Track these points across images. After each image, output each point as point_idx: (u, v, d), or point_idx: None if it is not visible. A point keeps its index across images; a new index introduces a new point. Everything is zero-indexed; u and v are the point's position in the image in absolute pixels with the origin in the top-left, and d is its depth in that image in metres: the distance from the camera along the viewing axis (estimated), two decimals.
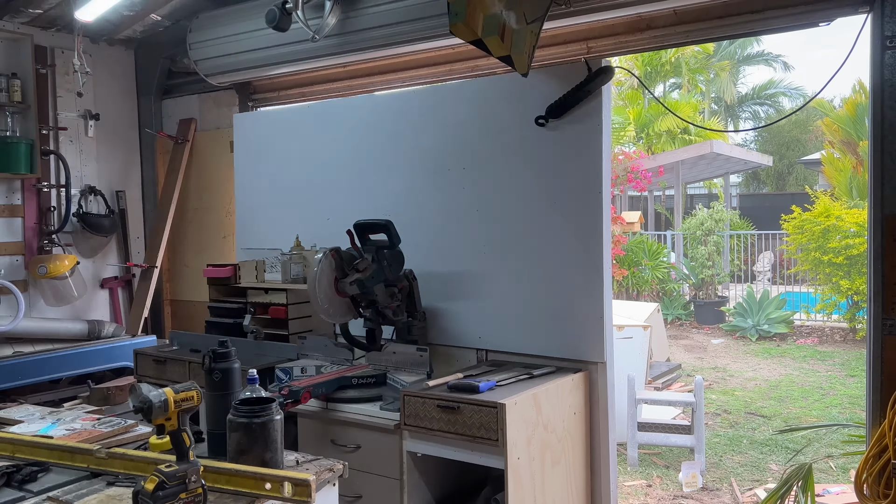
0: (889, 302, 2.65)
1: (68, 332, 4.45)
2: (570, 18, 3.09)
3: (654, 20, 3.11)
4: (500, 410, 2.48)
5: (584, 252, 2.98)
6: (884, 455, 2.55)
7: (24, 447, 2.08)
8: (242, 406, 1.95)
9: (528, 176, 3.11)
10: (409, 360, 3.05)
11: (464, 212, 3.31)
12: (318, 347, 3.27)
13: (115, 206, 4.80)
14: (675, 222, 13.44)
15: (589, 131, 2.95)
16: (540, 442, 2.69)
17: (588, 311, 2.97)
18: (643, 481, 4.61)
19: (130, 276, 4.88)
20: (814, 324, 9.96)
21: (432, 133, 3.40)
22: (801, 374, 7.71)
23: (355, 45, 3.50)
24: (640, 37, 3.17)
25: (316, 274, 2.96)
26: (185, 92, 4.80)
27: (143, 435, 2.25)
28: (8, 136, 4.17)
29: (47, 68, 4.39)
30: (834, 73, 2.75)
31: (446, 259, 3.35)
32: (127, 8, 4.30)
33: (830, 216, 9.13)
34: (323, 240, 3.56)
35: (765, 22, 2.90)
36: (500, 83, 3.22)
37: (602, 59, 3.09)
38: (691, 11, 3.01)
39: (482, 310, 3.26)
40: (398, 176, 3.52)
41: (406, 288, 3.18)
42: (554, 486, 2.78)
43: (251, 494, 1.80)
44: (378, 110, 3.60)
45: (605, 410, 3.01)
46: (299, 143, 3.90)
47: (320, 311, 3.02)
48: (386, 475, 2.73)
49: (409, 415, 2.67)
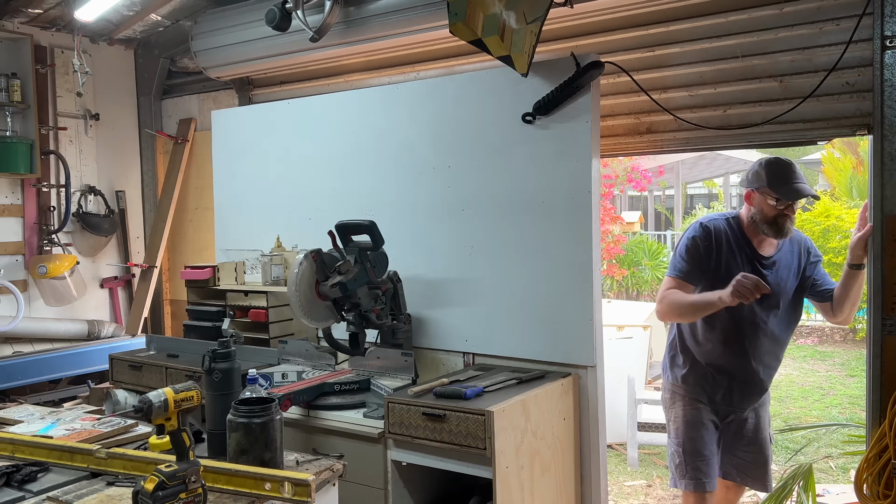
0: (889, 302, 2.65)
1: (68, 332, 4.45)
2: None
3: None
4: (487, 418, 2.40)
5: (574, 253, 2.92)
6: (884, 455, 2.55)
7: (23, 447, 2.08)
8: (242, 406, 1.96)
9: (516, 175, 3.06)
10: (394, 365, 2.96)
11: (449, 211, 3.24)
12: (299, 352, 3.16)
13: (115, 205, 4.80)
14: (675, 222, 13.45)
15: (578, 129, 2.89)
16: (529, 449, 2.63)
17: (577, 314, 2.92)
18: (643, 481, 4.61)
19: (130, 276, 4.89)
20: (814, 324, 9.96)
21: (417, 130, 3.34)
22: (800, 374, 7.71)
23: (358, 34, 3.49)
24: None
25: (296, 277, 2.87)
26: (184, 92, 4.81)
27: (143, 435, 2.26)
28: (8, 136, 4.16)
29: (47, 68, 4.39)
30: (827, 74, 2.74)
31: (432, 260, 3.30)
32: (127, 8, 4.30)
33: (830, 216, 9.13)
34: (305, 240, 3.50)
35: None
36: (487, 79, 3.15)
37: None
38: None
39: (469, 312, 3.20)
40: (382, 175, 3.45)
41: (390, 290, 3.10)
42: (544, 494, 2.73)
43: (251, 494, 1.80)
44: (361, 106, 3.53)
45: (596, 415, 2.95)
46: (280, 141, 3.84)
47: (301, 315, 2.94)
48: (370, 485, 2.65)
49: (393, 423, 2.59)
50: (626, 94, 3.16)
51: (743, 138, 3.00)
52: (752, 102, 2.94)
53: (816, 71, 2.79)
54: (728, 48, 2.95)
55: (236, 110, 4.18)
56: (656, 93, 3.09)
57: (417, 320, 3.31)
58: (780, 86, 2.89)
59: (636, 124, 3.21)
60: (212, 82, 4.54)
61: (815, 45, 2.79)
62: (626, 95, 3.16)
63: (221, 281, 3.71)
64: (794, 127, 2.86)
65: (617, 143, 3.26)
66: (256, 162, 3.94)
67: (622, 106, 3.21)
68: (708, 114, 3.03)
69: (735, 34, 2.93)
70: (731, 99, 2.99)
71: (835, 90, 2.77)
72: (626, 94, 3.16)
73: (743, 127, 2.96)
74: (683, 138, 3.10)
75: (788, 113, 2.84)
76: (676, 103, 3.08)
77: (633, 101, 3.17)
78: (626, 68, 3.06)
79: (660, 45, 3.08)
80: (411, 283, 3.25)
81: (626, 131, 3.23)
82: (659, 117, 3.12)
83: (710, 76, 3.01)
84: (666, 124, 3.12)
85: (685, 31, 3.03)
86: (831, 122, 2.80)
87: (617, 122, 3.23)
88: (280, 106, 3.91)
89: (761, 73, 2.91)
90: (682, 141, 3.12)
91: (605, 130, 3.19)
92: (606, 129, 3.20)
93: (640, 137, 3.20)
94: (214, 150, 4.17)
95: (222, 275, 3.72)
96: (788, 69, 2.86)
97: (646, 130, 3.19)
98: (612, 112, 3.22)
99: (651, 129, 3.18)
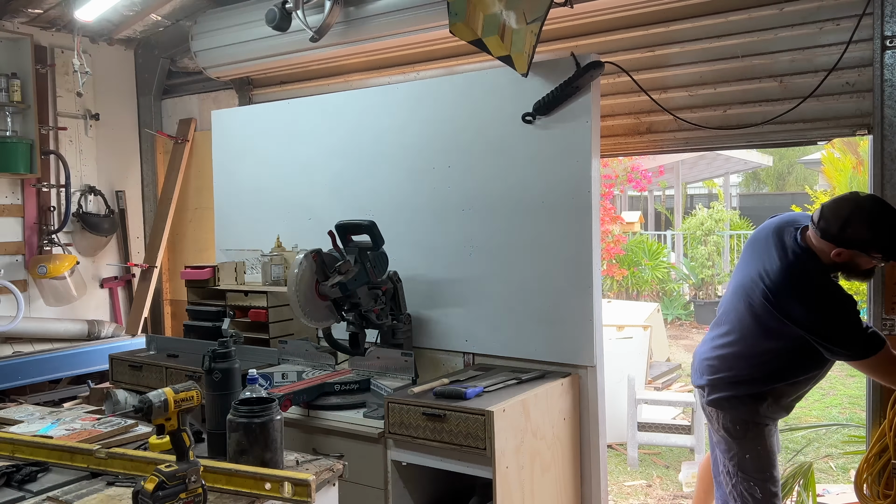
0: (889, 302, 2.65)
1: (67, 332, 4.45)
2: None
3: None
4: (487, 418, 2.41)
5: (574, 253, 2.92)
6: (884, 455, 2.55)
7: (23, 447, 2.08)
8: (242, 406, 1.95)
9: (516, 174, 3.06)
10: (394, 365, 2.96)
11: (449, 211, 3.24)
12: (299, 352, 3.16)
13: (115, 205, 4.80)
14: (675, 222, 13.45)
15: (578, 129, 2.89)
16: (529, 449, 2.63)
17: (577, 314, 2.91)
18: (643, 481, 4.61)
19: (130, 276, 4.89)
20: None
21: (417, 130, 3.34)
22: None
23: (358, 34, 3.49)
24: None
25: (296, 276, 2.87)
26: (184, 92, 4.81)
27: (143, 435, 2.25)
28: (8, 136, 4.16)
29: (47, 68, 4.39)
30: (827, 74, 2.74)
31: (431, 260, 3.29)
32: (127, 8, 4.30)
33: None
34: (305, 240, 3.50)
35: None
36: (487, 79, 3.15)
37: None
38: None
39: (469, 312, 3.20)
40: (382, 175, 3.45)
41: (390, 290, 3.10)
42: (543, 495, 2.72)
43: (251, 494, 1.80)
44: (361, 106, 3.53)
45: (596, 415, 2.95)
46: (280, 141, 3.83)
47: (301, 315, 2.94)
48: (370, 485, 2.65)
49: (393, 423, 2.59)
50: (626, 94, 3.16)
51: (743, 138, 3.01)
52: (752, 102, 2.95)
53: (816, 71, 2.80)
54: (728, 48, 2.96)
55: (236, 110, 4.18)
56: (656, 93, 3.09)
57: (417, 320, 3.31)
58: (780, 86, 2.89)
59: (636, 124, 3.21)
60: (212, 82, 4.54)
61: (815, 45, 2.79)
62: (626, 95, 3.17)
63: (221, 281, 3.70)
64: (794, 127, 2.87)
65: (617, 143, 3.27)
66: (256, 162, 3.94)
67: (622, 106, 3.21)
68: (708, 114, 3.03)
69: (735, 34, 2.93)
70: (731, 99, 2.99)
71: (835, 90, 2.78)
72: (626, 94, 3.16)
73: (743, 127, 2.96)
74: (683, 138, 3.11)
75: (788, 113, 2.84)
76: (676, 103, 3.08)
77: (633, 101, 3.17)
78: (626, 68, 3.07)
79: (660, 45, 3.09)
80: (411, 283, 3.25)
81: (626, 131, 3.23)
82: (659, 117, 3.13)
83: (710, 76, 3.02)
84: (666, 124, 3.13)
85: (685, 31, 3.03)
86: (831, 122, 2.81)
87: (617, 122, 3.23)
88: (280, 106, 3.90)
89: (761, 73, 2.91)
90: (682, 141, 3.13)
91: (605, 130, 3.19)
92: (606, 129, 3.21)
93: (640, 137, 3.21)
94: (214, 150, 4.17)
95: (222, 275, 3.71)
96: (788, 69, 2.86)
97: (646, 130, 3.19)
98: (612, 112, 3.23)
99: (651, 129, 3.18)
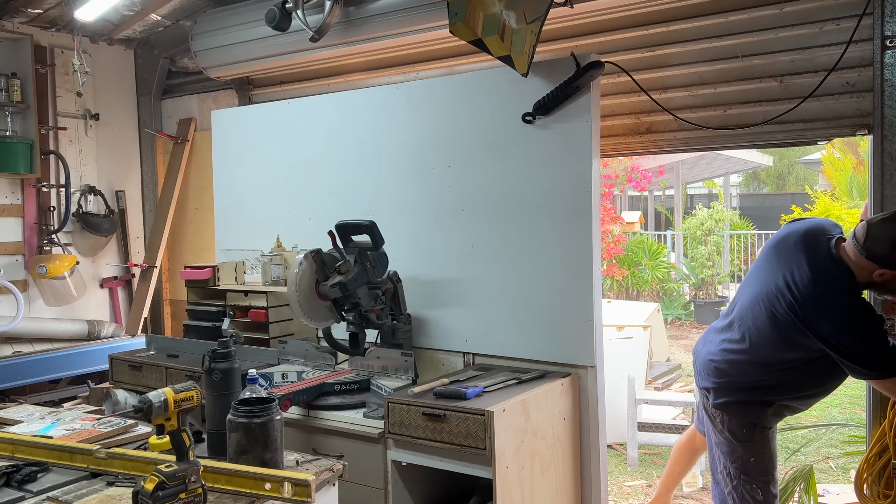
0: (889, 302, 2.65)
1: (67, 332, 4.45)
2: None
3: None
4: (487, 418, 2.41)
5: (574, 253, 2.92)
6: (884, 455, 2.56)
7: (23, 447, 2.08)
8: (242, 406, 1.96)
9: (516, 175, 3.06)
10: (394, 365, 2.97)
11: (449, 211, 3.25)
12: (299, 352, 3.17)
13: (115, 205, 4.80)
14: (675, 222, 13.45)
15: (578, 129, 2.89)
16: (529, 449, 2.63)
17: (577, 314, 2.91)
18: (643, 481, 4.61)
19: (130, 276, 4.89)
20: None
21: (417, 130, 3.34)
22: None
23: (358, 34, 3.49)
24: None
25: (296, 276, 2.87)
26: (184, 92, 4.81)
27: (143, 435, 2.25)
28: (8, 136, 4.16)
29: (47, 68, 4.39)
30: (827, 74, 2.74)
31: (432, 260, 3.30)
32: (127, 8, 4.30)
33: (830, 216, 9.12)
34: (305, 240, 3.49)
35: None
36: (487, 79, 3.15)
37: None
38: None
39: (469, 312, 3.20)
40: (382, 175, 3.45)
41: (390, 290, 3.10)
42: (543, 495, 2.73)
43: (251, 494, 1.80)
44: (360, 106, 3.53)
45: (596, 415, 2.95)
46: (280, 141, 3.84)
47: (301, 315, 2.94)
48: (370, 485, 2.65)
49: (393, 423, 2.59)
50: (626, 94, 3.16)
51: (743, 138, 3.01)
52: (752, 102, 2.95)
53: (816, 71, 2.80)
54: (728, 48, 2.96)
55: (236, 110, 4.18)
56: (656, 93, 3.09)
57: (417, 320, 3.31)
58: (780, 86, 2.89)
59: (636, 124, 3.21)
60: (212, 82, 4.54)
61: (815, 45, 2.79)
62: (626, 95, 3.17)
63: (221, 281, 3.70)
64: (794, 127, 2.87)
65: (617, 143, 3.27)
66: (256, 162, 3.94)
67: (622, 106, 3.21)
68: (708, 114, 3.03)
69: (735, 34, 2.93)
70: (731, 99, 2.99)
71: (835, 90, 2.78)
72: (626, 94, 3.16)
73: (743, 127, 2.96)
74: (683, 138, 3.11)
75: (788, 113, 2.84)
76: (676, 103, 3.08)
77: (633, 101, 3.18)
78: (626, 68, 3.07)
79: (660, 45, 3.09)
80: (411, 283, 3.25)
81: (626, 131, 3.23)
82: (659, 117, 3.13)
83: (710, 76, 3.02)
84: (666, 124, 3.13)
85: (685, 31, 3.03)
86: (831, 122, 2.80)
87: (617, 122, 3.23)
88: (280, 106, 3.91)
89: (761, 73, 2.91)
90: (682, 141, 3.13)
91: (605, 130, 3.19)
92: (606, 129, 3.21)
93: (640, 137, 3.21)
94: (214, 150, 4.17)
95: (222, 275, 3.71)
96: (788, 69, 2.86)
97: (646, 130, 3.19)
98: (612, 112, 3.23)
99: (651, 129, 3.18)
